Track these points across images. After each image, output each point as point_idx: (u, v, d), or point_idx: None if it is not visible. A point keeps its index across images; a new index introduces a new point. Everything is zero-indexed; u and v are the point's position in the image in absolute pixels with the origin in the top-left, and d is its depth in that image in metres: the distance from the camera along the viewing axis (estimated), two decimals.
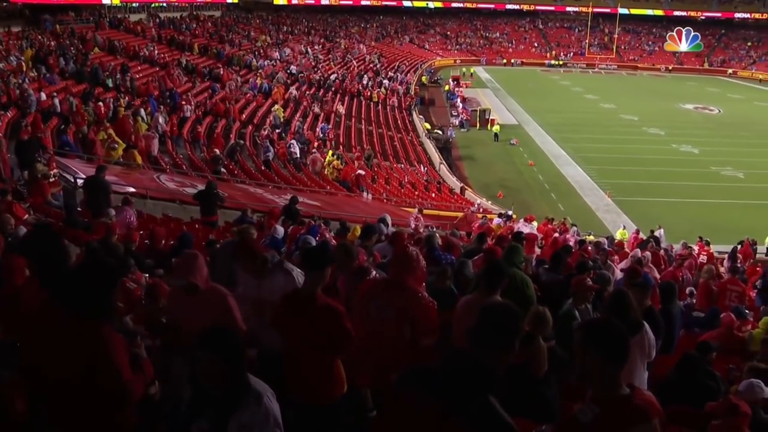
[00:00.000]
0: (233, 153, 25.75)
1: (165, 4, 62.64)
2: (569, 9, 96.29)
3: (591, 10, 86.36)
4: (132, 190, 15.06)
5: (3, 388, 3.38)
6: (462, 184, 32.87)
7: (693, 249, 19.63)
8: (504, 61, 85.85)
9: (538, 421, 3.82)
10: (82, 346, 3.39)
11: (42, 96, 23.24)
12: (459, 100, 53.17)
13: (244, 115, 33.54)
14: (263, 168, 25.64)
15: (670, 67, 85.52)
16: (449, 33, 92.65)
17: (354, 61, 62.01)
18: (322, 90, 46.05)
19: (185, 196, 16.49)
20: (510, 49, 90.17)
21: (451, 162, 38.01)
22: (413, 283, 5.01)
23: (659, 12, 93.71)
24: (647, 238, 20.80)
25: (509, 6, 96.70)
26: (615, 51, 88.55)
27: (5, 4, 43.17)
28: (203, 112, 30.67)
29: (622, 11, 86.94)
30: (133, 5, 56.53)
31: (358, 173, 28.06)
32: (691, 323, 9.76)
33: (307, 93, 43.37)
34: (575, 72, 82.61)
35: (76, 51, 33.13)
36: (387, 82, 54.58)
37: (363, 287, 5.29)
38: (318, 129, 35.12)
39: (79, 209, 12.50)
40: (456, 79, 62.14)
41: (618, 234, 23.54)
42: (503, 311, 2.80)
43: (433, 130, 44.17)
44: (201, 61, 42.49)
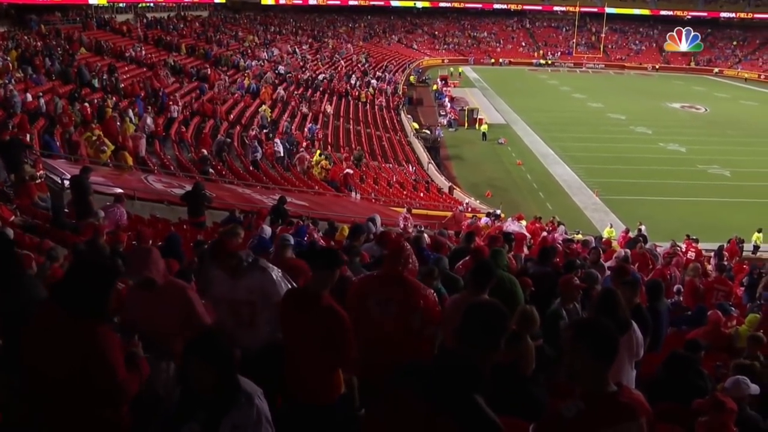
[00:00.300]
0: (221, 151, 25.67)
1: (152, 4, 62.29)
2: (556, 8, 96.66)
3: (578, 9, 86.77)
4: (119, 191, 14.98)
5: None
6: (450, 183, 32.91)
7: (680, 247, 19.72)
8: (492, 61, 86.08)
9: (526, 420, 3.82)
10: (77, 345, 3.41)
11: (28, 97, 23.06)
12: (447, 99, 53.29)
13: (232, 116, 33.45)
14: (251, 168, 25.60)
15: (657, 66, 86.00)
16: (437, 33, 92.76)
17: (342, 61, 61.92)
18: (310, 90, 45.98)
19: (173, 196, 16.40)
20: (498, 49, 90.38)
21: (440, 161, 38.07)
22: (408, 276, 5.01)
23: (646, 11, 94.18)
24: (635, 236, 20.88)
25: (497, 6, 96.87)
26: (602, 50, 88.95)
27: None
28: (190, 112, 30.55)
29: (609, 11, 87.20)
30: (120, 5, 56.16)
31: (346, 172, 28.05)
32: (678, 321, 9.82)
33: (295, 93, 43.27)
34: (563, 71, 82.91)
35: (62, 51, 32.92)
36: (375, 81, 54.53)
37: (355, 285, 5.27)
38: (306, 129, 35.07)
39: (66, 210, 12.44)
40: (444, 79, 62.29)
41: (605, 232, 23.64)
42: (489, 310, 2.80)
43: (422, 129, 44.20)
44: (188, 62, 42.28)
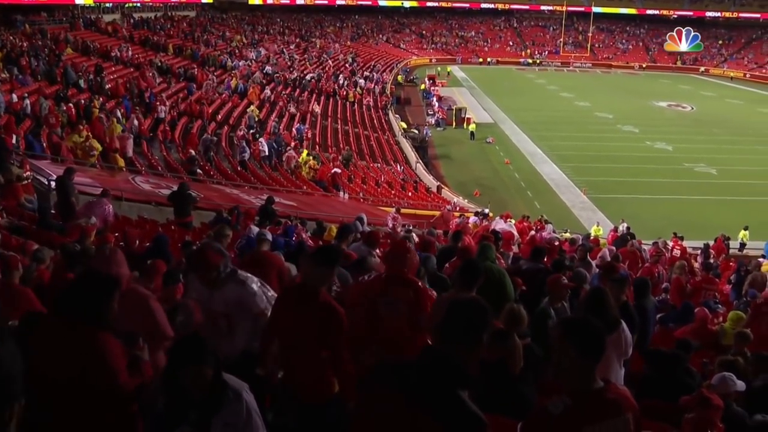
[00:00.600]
0: (208, 150, 25.58)
1: (139, 4, 61.97)
2: (544, 8, 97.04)
3: (565, 8, 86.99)
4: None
5: None
6: (438, 182, 32.94)
7: (667, 244, 19.79)
8: (479, 60, 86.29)
9: (515, 419, 3.83)
10: (77, 350, 3.43)
11: (13, 98, 22.89)
12: (435, 99, 53.33)
13: (219, 116, 33.34)
14: (239, 169, 25.53)
15: (643, 65, 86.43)
16: (425, 32, 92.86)
17: (330, 61, 61.85)
18: (297, 90, 45.90)
19: (160, 197, 16.34)
20: (485, 48, 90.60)
21: (428, 161, 38.07)
22: (412, 276, 5.01)
23: (632, 11, 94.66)
24: (624, 234, 20.95)
25: (484, 5, 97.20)
26: (589, 49, 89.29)
27: None
28: (178, 113, 30.42)
29: (596, 10, 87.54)
30: (107, 5, 55.85)
31: (333, 171, 28.03)
32: (665, 319, 9.89)
33: (283, 93, 43.17)
34: (550, 70, 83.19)
35: (49, 51, 32.70)
36: (363, 81, 54.50)
37: (363, 286, 5.24)
38: (294, 129, 35.00)
39: (53, 212, 12.38)
40: (432, 78, 62.34)
41: (592, 231, 23.71)
42: (470, 306, 2.80)
43: (410, 129, 44.25)
44: (176, 62, 42.09)
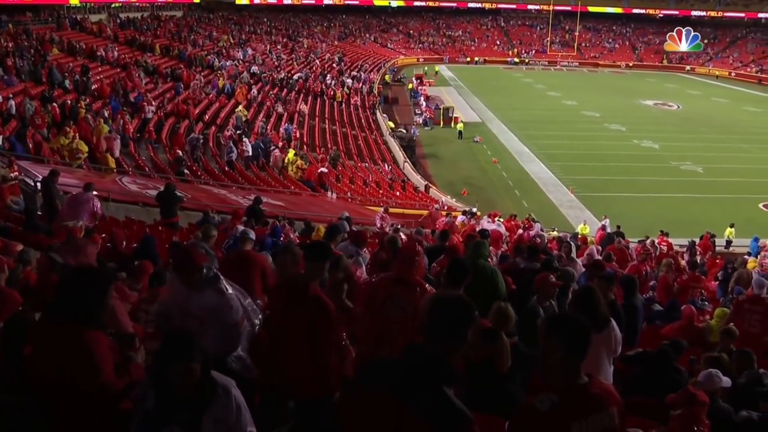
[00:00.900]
0: (195, 149, 25.50)
1: (122, 4, 61.55)
2: (531, 7, 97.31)
3: (552, 8, 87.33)
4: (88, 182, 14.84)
5: None
6: (426, 182, 32.95)
7: (655, 243, 19.89)
8: (467, 60, 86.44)
9: (503, 417, 3.84)
10: (64, 351, 3.46)
11: None
12: (422, 98, 53.33)
13: (207, 116, 33.21)
14: (227, 169, 25.46)
15: (630, 64, 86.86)
16: (412, 32, 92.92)
17: (317, 61, 61.79)
18: (285, 90, 45.82)
19: (148, 198, 16.30)
20: (472, 48, 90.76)
21: (415, 160, 38.08)
22: (419, 278, 5.06)
23: (618, 10, 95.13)
24: (611, 233, 21.02)
25: (471, 4, 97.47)
26: (576, 48, 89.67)
27: None
28: (165, 113, 30.28)
29: (582, 9, 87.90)
30: (93, 6, 55.51)
31: (320, 171, 28.01)
32: (652, 316, 9.95)
33: (271, 93, 43.08)
34: (537, 69, 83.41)
35: (34, 52, 32.46)
36: (350, 81, 54.46)
37: (372, 285, 5.24)
38: (282, 129, 34.92)
39: (39, 213, 12.32)
40: (419, 78, 62.37)
41: (579, 229, 23.79)
42: (455, 302, 2.81)
43: (397, 128, 44.28)
44: (163, 62, 41.88)
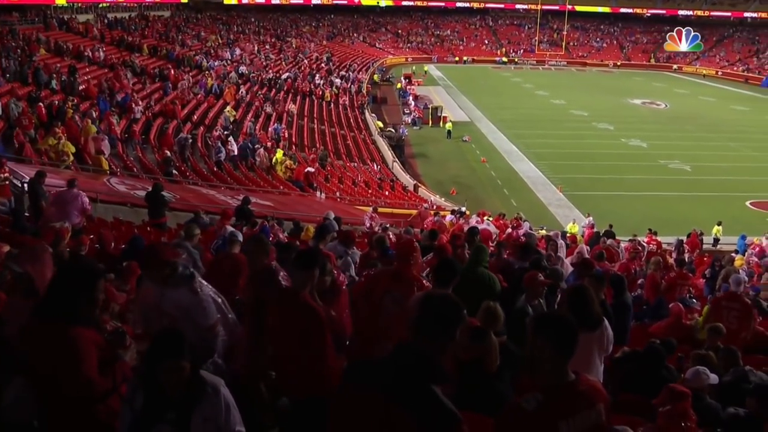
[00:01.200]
0: (184, 149, 25.41)
1: (110, 4, 61.23)
2: (519, 6, 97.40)
3: (540, 7, 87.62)
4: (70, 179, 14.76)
5: None
6: (415, 181, 32.99)
7: (643, 243, 19.99)
8: (455, 59, 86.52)
9: (492, 416, 3.84)
10: (49, 349, 3.50)
11: None
12: (411, 98, 53.34)
13: (195, 116, 33.11)
14: (215, 169, 25.38)
15: (618, 63, 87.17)
16: (400, 31, 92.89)
17: (306, 60, 61.70)
18: (273, 90, 45.71)
19: (136, 198, 16.23)
20: (461, 47, 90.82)
21: (404, 160, 38.11)
22: (417, 274, 5.11)
23: (606, 9, 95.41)
24: (599, 232, 21.10)
25: (459, 4, 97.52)
26: (564, 48, 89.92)
27: None
28: (153, 114, 30.16)
29: (570, 8, 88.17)
30: (80, 6, 55.20)
31: (307, 170, 27.98)
32: (640, 314, 10.00)
33: (259, 93, 42.99)
34: (526, 69, 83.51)
35: (21, 52, 32.26)
36: (339, 81, 54.40)
37: (369, 281, 5.24)
38: (271, 129, 34.85)
39: (27, 214, 12.26)
40: (408, 77, 62.38)
41: (568, 228, 23.86)
42: (443, 301, 2.81)
43: (386, 128, 44.29)
44: (151, 62, 41.69)
